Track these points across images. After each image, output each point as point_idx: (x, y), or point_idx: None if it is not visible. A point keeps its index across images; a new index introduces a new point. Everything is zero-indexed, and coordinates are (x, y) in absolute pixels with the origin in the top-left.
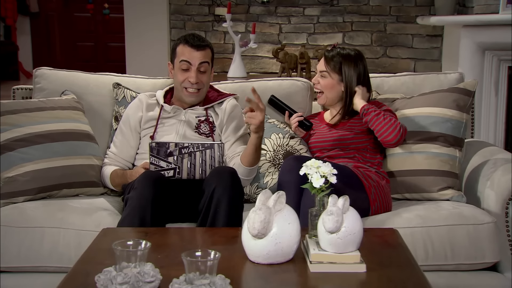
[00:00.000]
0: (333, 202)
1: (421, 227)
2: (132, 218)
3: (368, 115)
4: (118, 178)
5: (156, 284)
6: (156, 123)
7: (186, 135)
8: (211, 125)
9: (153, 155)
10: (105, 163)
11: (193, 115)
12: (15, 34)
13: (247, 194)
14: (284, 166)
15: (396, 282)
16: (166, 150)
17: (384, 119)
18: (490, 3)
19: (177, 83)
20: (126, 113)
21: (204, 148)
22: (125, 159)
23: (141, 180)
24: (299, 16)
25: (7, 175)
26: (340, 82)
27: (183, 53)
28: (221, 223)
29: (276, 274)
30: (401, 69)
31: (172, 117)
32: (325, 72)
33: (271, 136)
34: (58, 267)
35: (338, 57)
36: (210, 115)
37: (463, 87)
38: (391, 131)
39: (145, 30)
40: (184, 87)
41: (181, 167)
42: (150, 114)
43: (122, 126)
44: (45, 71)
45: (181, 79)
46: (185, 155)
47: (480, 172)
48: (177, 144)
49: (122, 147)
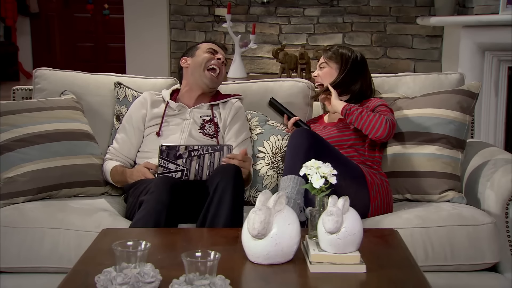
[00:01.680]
0: (333, 202)
1: (420, 227)
2: (147, 221)
3: (352, 115)
4: (118, 175)
5: (156, 284)
6: (161, 121)
7: (192, 134)
8: (215, 126)
9: (162, 158)
10: (107, 158)
11: (198, 114)
12: (15, 35)
13: (246, 197)
14: (295, 132)
15: (396, 283)
16: (176, 152)
17: (368, 116)
18: (490, 3)
19: (198, 64)
20: (129, 110)
21: (214, 150)
22: (126, 156)
23: (159, 185)
24: (299, 17)
25: (7, 175)
26: (338, 70)
27: (209, 45)
28: (225, 213)
29: (276, 275)
30: (401, 70)
31: (177, 115)
32: (323, 63)
33: (269, 139)
34: (58, 268)
35: (336, 50)
36: (215, 115)
37: (467, 89)
38: (378, 127)
39: (145, 31)
40: (207, 67)
41: (189, 169)
42: (155, 111)
43: (125, 123)
44: (45, 71)
45: (208, 57)
46: (194, 157)
47: (480, 173)
48: (187, 147)
49: (124, 144)
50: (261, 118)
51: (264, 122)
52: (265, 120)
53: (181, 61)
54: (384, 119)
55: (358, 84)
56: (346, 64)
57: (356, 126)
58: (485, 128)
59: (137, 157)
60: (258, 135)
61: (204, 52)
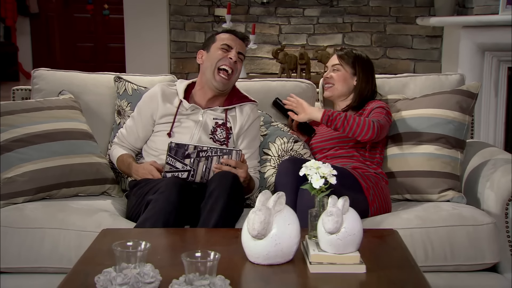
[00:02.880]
0: (333, 203)
1: (420, 228)
2: (155, 221)
3: (335, 121)
4: (124, 166)
5: (156, 285)
6: (173, 120)
7: (202, 141)
8: (227, 131)
9: (170, 155)
10: (114, 141)
11: (211, 116)
12: (15, 35)
13: (251, 200)
14: (280, 168)
15: (395, 283)
16: (184, 151)
17: (354, 120)
18: (490, 4)
19: (209, 64)
20: (140, 103)
21: (223, 153)
22: (132, 145)
23: (169, 185)
24: (298, 17)
25: (6, 175)
26: (353, 75)
27: (226, 38)
28: (213, 223)
29: (276, 275)
30: (401, 70)
31: (189, 116)
32: (338, 65)
33: (275, 141)
34: (58, 268)
35: (351, 52)
36: (228, 120)
37: (466, 89)
38: (367, 130)
39: (145, 31)
40: (218, 67)
41: (196, 170)
42: (168, 106)
43: (135, 112)
44: (43, 71)
45: (220, 56)
46: (202, 158)
47: (480, 173)
48: (196, 147)
49: (131, 132)
50: (266, 119)
51: (269, 124)
52: (269, 121)
53: (198, 55)
54: (370, 121)
55: (368, 87)
56: (362, 69)
57: (342, 131)
58: (485, 128)
59: (145, 150)
60: (264, 136)
61: (218, 48)
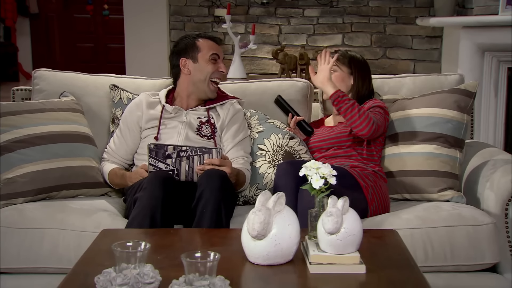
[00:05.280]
0: (332, 203)
1: (420, 228)
2: (143, 218)
3: (343, 103)
4: (118, 178)
5: (156, 285)
6: (159, 124)
7: (189, 137)
8: (212, 127)
9: (151, 156)
10: (104, 158)
11: (194, 116)
12: (14, 35)
13: (246, 196)
14: (279, 170)
15: (395, 283)
16: (164, 152)
17: (359, 110)
18: (490, 4)
19: (202, 77)
20: (125, 112)
21: (202, 152)
22: (123, 157)
23: (152, 180)
24: (298, 17)
25: (7, 176)
26: (349, 75)
27: (210, 46)
28: (206, 225)
29: (276, 275)
30: (401, 70)
31: (173, 118)
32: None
33: (270, 137)
34: (58, 268)
35: (346, 53)
36: (211, 116)
37: (464, 88)
38: (365, 125)
39: (145, 31)
40: (211, 79)
41: (179, 169)
42: (151, 112)
43: (121, 124)
44: (44, 72)
45: (212, 70)
46: (183, 158)
47: (479, 173)
48: (175, 147)
49: (120, 145)
50: (260, 117)
51: (264, 121)
52: (265, 118)
53: (181, 62)
54: (372, 119)
55: (365, 86)
56: (358, 69)
57: (344, 116)
58: (485, 128)
59: (136, 159)
60: (259, 133)
61: (207, 61)
